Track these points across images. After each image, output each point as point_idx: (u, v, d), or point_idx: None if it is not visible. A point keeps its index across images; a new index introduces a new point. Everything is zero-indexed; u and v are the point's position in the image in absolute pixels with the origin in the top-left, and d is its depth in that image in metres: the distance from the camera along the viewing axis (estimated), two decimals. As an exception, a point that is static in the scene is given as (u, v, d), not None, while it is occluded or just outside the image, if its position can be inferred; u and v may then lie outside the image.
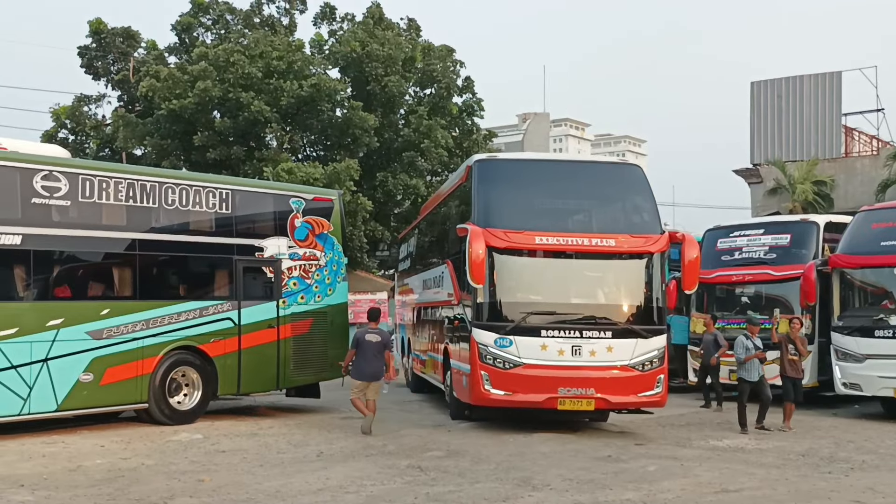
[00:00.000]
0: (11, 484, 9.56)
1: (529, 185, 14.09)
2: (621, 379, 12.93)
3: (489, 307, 13.21)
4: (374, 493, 9.20)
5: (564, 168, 15.46)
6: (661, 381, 13.20)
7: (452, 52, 36.42)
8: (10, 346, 12.27)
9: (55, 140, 34.03)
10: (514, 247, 13.09)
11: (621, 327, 13.14)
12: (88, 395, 13.12)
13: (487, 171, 13.97)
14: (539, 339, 12.89)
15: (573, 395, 12.75)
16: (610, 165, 15.05)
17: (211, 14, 36.06)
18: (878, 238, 16.06)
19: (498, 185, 13.86)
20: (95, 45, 36.38)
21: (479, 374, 13.01)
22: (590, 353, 12.87)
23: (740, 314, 18.88)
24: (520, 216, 13.47)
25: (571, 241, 13.18)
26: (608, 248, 13.19)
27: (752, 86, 35.84)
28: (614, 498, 9.09)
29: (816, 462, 11.34)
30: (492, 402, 13.14)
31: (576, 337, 12.89)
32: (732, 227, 20.02)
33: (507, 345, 12.93)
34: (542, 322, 13.06)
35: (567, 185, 14.22)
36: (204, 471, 10.38)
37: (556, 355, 12.83)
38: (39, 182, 12.75)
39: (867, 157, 34.13)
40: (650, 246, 13.27)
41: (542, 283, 13.67)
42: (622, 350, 12.95)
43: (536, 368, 12.85)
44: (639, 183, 14.04)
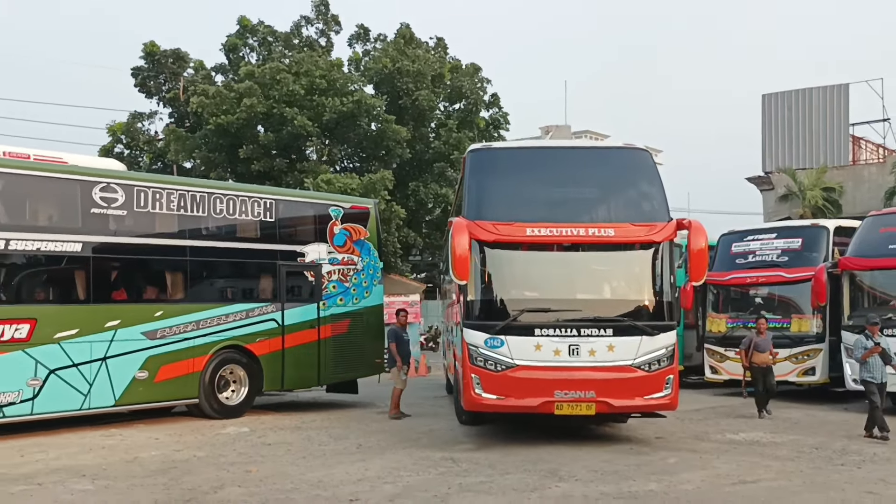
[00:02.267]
0: (74, 474, 9.65)
1: (525, 173, 12.44)
2: (624, 380, 11.19)
3: (479, 305, 11.60)
4: (410, 483, 9.18)
5: (564, 155, 13.25)
6: (671, 383, 11.40)
7: (479, 70, 36.44)
8: (72, 346, 12.39)
9: (111, 154, 34.41)
10: (504, 240, 11.41)
11: (624, 324, 11.34)
12: (144, 391, 13.22)
13: (481, 160, 12.43)
14: (533, 339, 11.18)
15: (571, 398, 11.08)
16: (613, 150, 12.85)
17: (257, 35, 36.31)
18: (885, 241, 15.87)
19: (491, 175, 12.19)
20: (148, 66, 36.76)
21: (469, 377, 11.41)
22: (589, 353, 11.16)
23: (754, 314, 18.71)
24: (513, 207, 11.82)
25: (566, 232, 11.38)
26: (607, 239, 11.43)
27: (764, 98, 35.55)
28: (637, 489, 9.00)
29: (829, 455, 11.16)
30: (483, 407, 11.48)
31: (573, 335, 11.18)
32: (746, 231, 19.79)
33: (498, 345, 11.27)
34: (536, 320, 11.32)
35: (566, 173, 12.44)
36: (251, 462, 10.41)
37: (552, 355, 11.14)
38: (98, 193, 12.87)
39: (874, 165, 33.75)
40: (654, 235, 11.46)
41: (536, 278, 12.00)
42: (625, 349, 11.20)
43: (530, 370, 11.15)
44: (644, 167, 12.28)
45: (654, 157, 12.40)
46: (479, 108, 36.27)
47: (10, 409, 11.85)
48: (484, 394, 11.26)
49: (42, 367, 12.11)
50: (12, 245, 11.93)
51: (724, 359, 18.27)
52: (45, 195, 12.81)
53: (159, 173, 31.30)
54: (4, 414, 11.82)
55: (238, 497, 8.56)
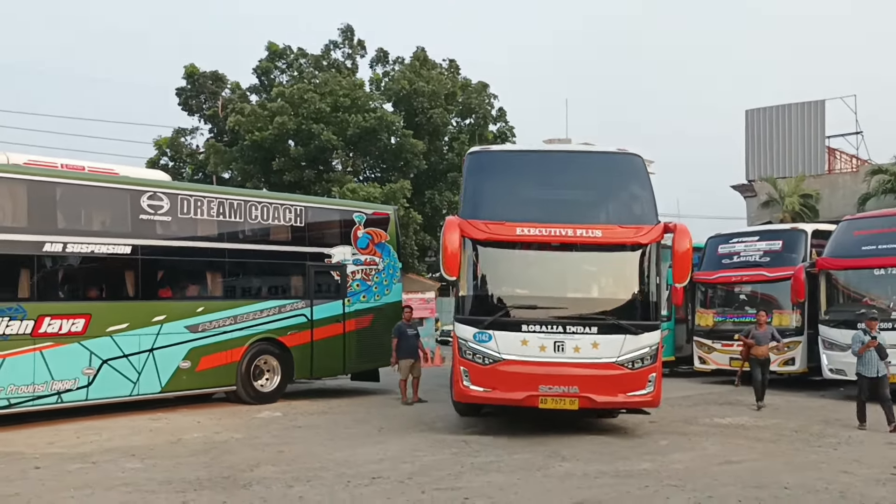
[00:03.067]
0: (124, 454, 9.70)
1: (521, 175, 11.78)
2: (607, 377, 10.60)
3: (469, 301, 11.09)
4: (427, 462, 9.19)
5: (558, 158, 12.44)
6: (654, 381, 10.75)
7: (487, 87, 36.45)
8: (123, 338, 12.46)
9: (157, 166, 34.55)
10: (494, 238, 10.91)
11: (608, 322, 10.76)
12: (187, 379, 13.27)
13: (478, 162, 11.88)
14: (520, 334, 10.69)
15: (555, 393, 10.52)
16: (606, 155, 12.19)
17: (285, 59, 36.43)
18: (859, 244, 15.85)
19: (488, 176, 11.72)
20: (190, 87, 36.92)
21: (458, 370, 10.99)
22: (573, 350, 10.63)
23: (738, 310, 18.67)
24: (507, 207, 11.27)
25: (555, 232, 10.80)
26: (594, 240, 10.84)
27: (747, 113, 35.34)
28: (632, 467, 8.99)
29: (808, 437, 11.11)
30: (471, 399, 11.09)
31: (559, 332, 10.66)
32: (731, 234, 19.72)
33: (486, 339, 10.80)
34: (523, 316, 10.89)
35: (560, 176, 11.81)
36: (283, 443, 10.44)
37: (538, 351, 10.64)
38: (146, 201, 12.93)
39: (848, 174, 33.51)
40: (640, 237, 10.85)
41: (525, 276, 11.53)
42: (609, 346, 10.61)
43: (517, 364, 10.64)
44: (635, 172, 11.61)
45: (645, 162, 11.78)
46: (487, 122, 36.31)
47: (68, 395, 11.92)
48: (472, 386, 10.83)
49: (96, 357, 12.17)
50: (69, 248, 12.00)
51: (712, 350, 18.27)
52: (99, 203, 12.88)
53: (200, 183, 31.44)
54: (62, 399, 11.88)
55: (272, 474, 8.59)
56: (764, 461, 9.46)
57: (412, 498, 7.62)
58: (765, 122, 34.67)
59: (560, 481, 8.34)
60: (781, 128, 34.31)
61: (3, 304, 11.31)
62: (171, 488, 7.94)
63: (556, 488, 8.04)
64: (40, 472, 8.69)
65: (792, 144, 34.07)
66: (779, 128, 34.35)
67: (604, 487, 8.06)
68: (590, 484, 8.21)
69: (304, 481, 8.28)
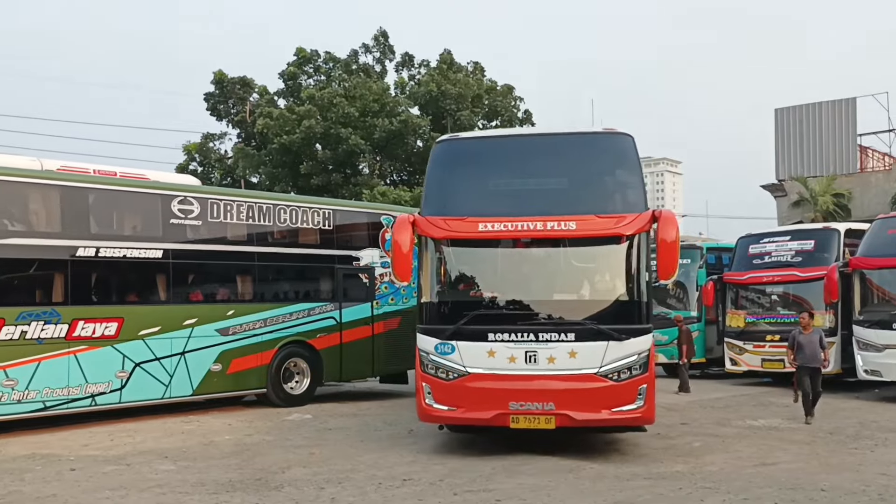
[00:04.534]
0: (158, 456, 9.79)
1: (492, 165, 10.39)
2: (588, 391, 9.14)
3: (430, 307, 9.85)
4: (457, 464, 9.17)
5: (535, 143, 10.91)
6: (644, 393, 9.22)
7: (512, 90, 36.37)
8: (155, 342, 12.58)
9: (187, 171, 34.85)
10: (455, 236, 9.59)
11: (587, 328, 9.26)
12: (218, 382, 13.37)
13: (445, 152, 10.43)
14: (486, 344, 9.32)
15: (527, 410, 9.19)
16: (589, 137, 10.70)
17: (312, 63, 36.62)
18: (893, 242, 15.65)
19: (454, 168, 10.35)
20: (218, 92, 37.23)
21: (420, 386, 9.73)
22: (548, 360, 9.20)
23: (770, 311, 18.48)
24: (474, 201, 9.91)
25: (523, 227, 9.37)
26: (567, 233, 9.31)
27: (776, 112, 35.00)
28: (665, 469, 8.90)
29: (843, 439, 10.93)
30: (436, 419, 9.77)
31: (530, 340, 9.25)
32: (762, 234, 19.50)
33: (448, 351, 9.43)
34: (490, 324, 9.47)
35: (537, 163, 10.29)
36: (314, 445, 10.47)
37: (507, 363, 9.26)
38: (176, 206, 13.05)
39: (881, 172, 33.06)
40: (621, 227, 9.23)
41: (492, 278, 10.19)
42: (589, 355, 9.16)
43: (483, 379, 9.31)
44: (622, 155, 10.02)
45: (635, 144, 10.07)
46: (513, 124, 36.23)
47: (102, 398, 12.06)
48: (435, 404, 9.52)
49: (129, 360, 12.31)
50: (102, 252, 12.14)
51: (743, 351, 18.08)
52: (130, 208, 13.02)
53: (229, 187, 31.69)
54: (96, 402, 12.03)
55: (303, 476, 8.62)
56: (799, 463, 9.32)
57: (444, 500, 7.61)
58: (795, 120, 34.32)
59: (592, 483, 8.28)
60: (812, 126, 33.92)
61: (38, 309, 11.48)
62: (204, 490, 8.00)
63: (588, 490, 7.98)
64: (76, 474, 8.79)
65: (823, 143, 33.66)
66: (809, 126, 33.96)
67: (637, 489, 7.99)
68: (622, 486, 8.14)
69: (335, 483, 8.29)
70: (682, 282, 20.85)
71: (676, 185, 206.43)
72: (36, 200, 11.94)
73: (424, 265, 9.80)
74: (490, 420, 9.35)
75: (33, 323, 11.34)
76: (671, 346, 19.87)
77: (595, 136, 10.75)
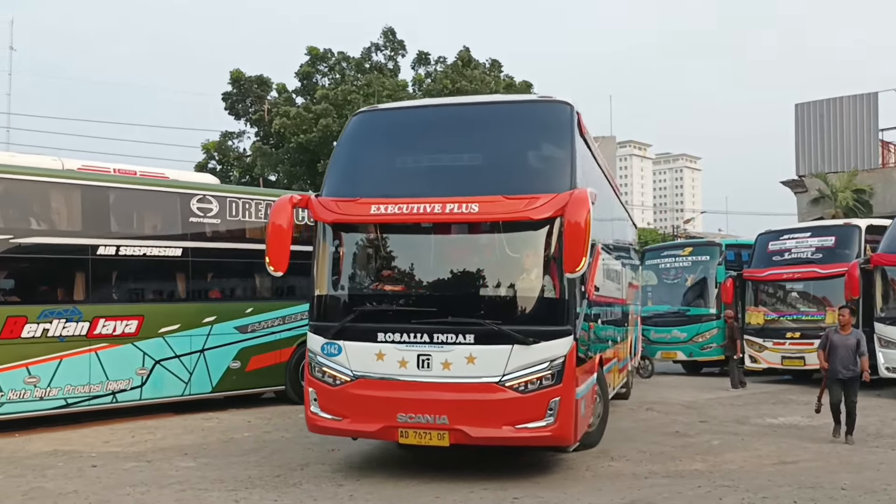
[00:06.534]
0: (178, 452, 9.87)
1: (406, 138, 9.10)
2: (486, 403, 7.77)
3: (319, 302, 8.70)
4: (474, 461, 9.17)
5: (456, 114, 9.49)
6: (556, 408, 7.71)
7: (531, 87, 36.30)
8: (175, 339, 12.69)
9: (205, 169, 35.08)
10: (344, 220, 8.38)
11: (488, 329, 7.80)
12: (237, 379, 13.46)
13: (358, 127, 9.18)
14: (375, 345, 8.06)
15: (417, 423, 7.90)
16: (520, 106, 9.46)
17: (326, 62, 36.72)
18: (916, 239, 15.52)
19: (364, 143, 9.08)
20: (236, 91, 37.41)
21: (307, 392, 8.59)
22: (442, 366, 7.85)
23: (790, 308, 18.39)
24: (378, 180, 8.70)
25: (419, 209, 8.01)
26: (469, 216, 7.92)
27: (796, 107, 34.73)
28: (684, 468, 8.87)
29: (864, 437, 10.85)
30: (322, 430, 8.55)
31: (423, 342, 7.92)
32: (782, 231, 19.38)
33: (335, 353, 8.26)
34: (379, 322, 8.22)
35: (456, 135, 8.87)
36: (333, 442, 10.48)
37: (397, 368, 7.98)
38: (195, 204, 13.14)
39: (903, 168, 32.79)
40: (531, 210, 7.74)
41: (386, 268, 8.77)
42: (489, 361, 7.78)
43: (371, 386, 8.08)
44: (555, 126, 8.49)
45: (575, 114, 8.58)
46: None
47: (122, 395, 12.18)
48: (321, 413, 8.39)
49: (149, 358, 12.42)
50: (122, 251, 12.25)
51: (763, 349, 18.01)
52: (150, 206, 13.12)
53: (248, 186, 31.86)
54: (117, 399, 12.14)
55: (322, 472, 8.66)
56: (819, 461, 9.26)
57: (460, 496, 7.62)
58: (815, 115, 34.03)
59: (610, 481, 8.27)
60: (832, 121, 33.62)
61: (59, 307, 11.60)
62: (224, 486, 8.06)
63: (606, 488, 7.97)
64: (97, 470, 8.89)
65: (843, 138, 33.36)
66: (830, 121, 33.66)
67: (655, 487, 7.97)
68: (640, 484, 8.13)
69: (353, 480, 8.33)
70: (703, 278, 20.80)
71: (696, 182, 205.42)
72: (57, 200, 12.06)
73: (316, 253, 8.75)
74: (376, 433, 8.26)
75: (55, 321, 11.47)
76: (690, 344, 19.80)
77: (525, 105, 9.64)
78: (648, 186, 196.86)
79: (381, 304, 8.53)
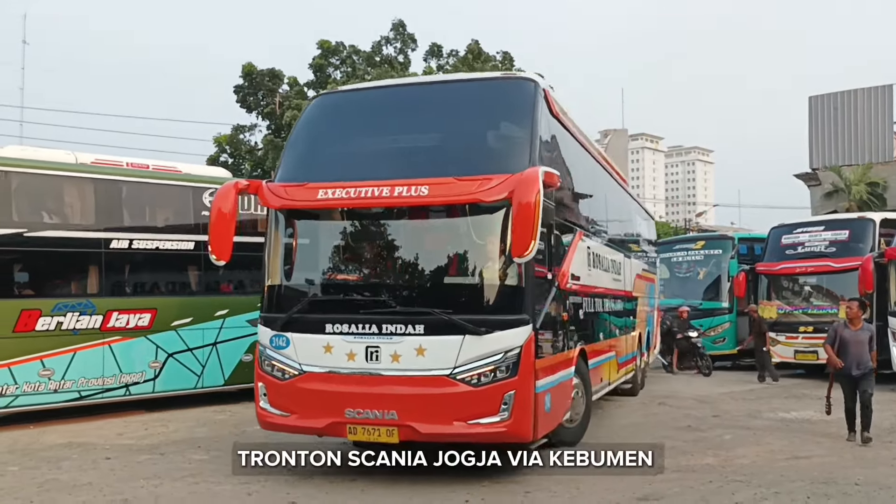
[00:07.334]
0: (191, 445, 9.94)
1: (363, 120, 8.68)
2: (437, 397, 7.42)
3: (269, 292, 8.36)
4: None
5: (416, 93, 9.10)
6: (511, 402, 7.32)
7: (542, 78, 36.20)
8: (187, 333, 12.77)
9: (217, 163, 35.18)
10: (291, 205, 8.05)
11: (438, 318, 7.43)
12: (249, 372, 13.28)
13: (315, 110, 8.95)
14: (323, 337, 7.75)
15: (366, 419, 7.57)
16: (482, 84, 9.14)
17: (339, 55, 36.73)
18: (930, 232, 15.41)
19: (321, 126, 8.76)
20: (247, 84, 37.49)
21: (257, 386, 8.38)
22: (391, 358, 7.54)
23: (803, 301, 18.30)
24: (330, 164, 8.34)
25: (367, 193, 7.58)
26: (418, 199, 7.50)
27: (810, 100, 34.53)
28: (695, 462, 8.86)
29: (878, 433, 10.76)
30: (272, 426, 8.31)
31: (372, 333, 7.60)
32: (795, 224, 19.29)
33: (283, 345, 7.98)
34: (328, 312, 7.92)
35: (415, 116, 8.58)
36: (344, 435, 10.52)
37: (345, 360, 7.67)
38: (207, 198, 13.17)
39: (918, 161, 32.58)
40: (482, 192, 7.31)
41: (335, 255, 8.47)
42: (440, 353, 7.42)
43: (318, 380, 7.79)
44: (513, 105, 8.21)
45: (539, 91, 8.28)
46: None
47: (135, 387, 12.28)
48: (270, 408, 8.15)
49: (162, 351, 12.50)
50: (135, 244, 12.32)
51: (775, 343, 17.89)
52: (163, 200, 13.18)
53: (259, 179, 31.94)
54: (130, 392, 12.24)
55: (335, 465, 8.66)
56: (832, 457, 9.23)
57: (472, 488, 7.62)
58: (829, 108, 33.82)
59: (620, 476, 8.24)
60: (847, 114, 33.41)
61: (73, 300, 11.69)
62: (237, 480, 8.09)
63: (617, 482, 7.96)
64: (111, 462, 8.96)
65: (858, 131, 33.16)
66: (844, 114, 33.46)
67: (667, 482, 7.95)
68: (651, 479, 8.09)
69: (366, 474, 8.34)
70: (715, 272, 20.74)
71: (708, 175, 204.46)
72: (71, 193, 12.14)
73: (267, 241, 8.46)
74: (323, 430, 7.90)
75: (69, 314, 11.55)
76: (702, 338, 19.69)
77: (486, 82, 9.32)
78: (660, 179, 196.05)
79: (329, 294, 8.30)
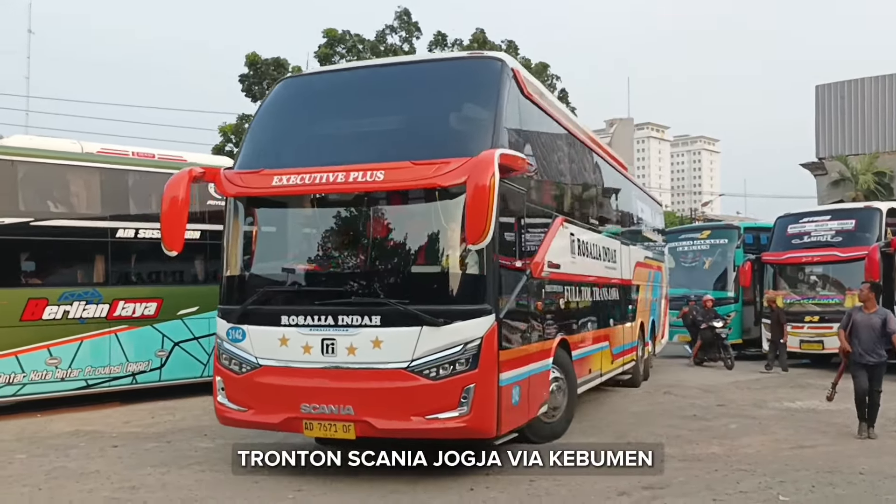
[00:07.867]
0: (197, 433, 9.98)
1: (325, 104, 8.41)
2: (393, 391, 7.10)
3: (226, 283, 8.21)
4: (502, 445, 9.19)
5: (380, 75, 8.87)
6: (471, 396, 6.98)
7: (547, 67, 36.13)
8: (193, 322, 12.81)
9: (223, 152, 35.16)
10: (246, 193, 7.78)
11: (394, 309, 7.13)
12: (255, 361, 13.53)
13: (279, 94, 8.65)
14: (278, 330, 7.47)
15: (321, 414, 7.26)
16: (447, 64, 8.97)
17: (344, 44, 36.67)
18: (937, 222, 15.36)
19: (282, 111, 8.51)
20: (252, 74, 37.45)
21: (215, 381, 8.08)
22: (347, 351, 7.24)
23: (809, 291, 18.27)
24: (288, 149, 8.09)
25: (322, 179, 7.29)
26: (373, 185, 7.20)
27: (817, 88, 34.39)
28: (701, 451, 8.87)
29: (884, 422, 10.74)
30: (231, 421, 8.00)
31: (327, 325, 7.30)
32: (801, 214, 19.25)
33: (239, 338, 7.71)
34: (283, 303, 7.71)
35: (378, 99, 8.24)
36: (350, 424, 10.55)
37: (301, 353, 7.39)
38: (213, 187, 13.16)
39: (926, 150, 32.45)
40: (439, 177, 6.98)
41: (290, 245, 8.41)
42: (396, 345, 7.10)
43: (274, 374, 7.51)
44: (478, 86, 7.86)
45: (507, 70, 7.90)
46: (549, 103, 36.04)
47: (142, 376, 12.33)
48: (228, 403, 7.86)
49: (168, 340, 12.55)
50: (141, 234, 12.35)
51: (782, 333, 17.87)
52: (168, 189, 13.17)
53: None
54: (137, 381, 12.30)
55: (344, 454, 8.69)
56: (837, 446, 9.22)
57: (479, 478, 7.64)
58: (836, 97, 33.70)
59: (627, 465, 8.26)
60: (853, 103, 33.28)
61: (79, 289, 11.73)
62: (243, 469, 8.11)
63: (623, 471, 7.97)
64: (118, 450, 9.01)
65: (865, 120, 33.05)
66: (851, 103, 33.33)
67: (672, 471, 7.96)
68: (657, 468, 8.11)
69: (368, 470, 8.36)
70: (721, 262, 20.71)
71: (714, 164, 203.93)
72: (77, 182, 12.17)
73: (225, 230, 8.32)
74: (279, 425, 7.63)
75: (75, 303, 11.59)
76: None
77: (450, 62, 9.06)
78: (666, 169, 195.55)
79: (285, 285, 8.08)
